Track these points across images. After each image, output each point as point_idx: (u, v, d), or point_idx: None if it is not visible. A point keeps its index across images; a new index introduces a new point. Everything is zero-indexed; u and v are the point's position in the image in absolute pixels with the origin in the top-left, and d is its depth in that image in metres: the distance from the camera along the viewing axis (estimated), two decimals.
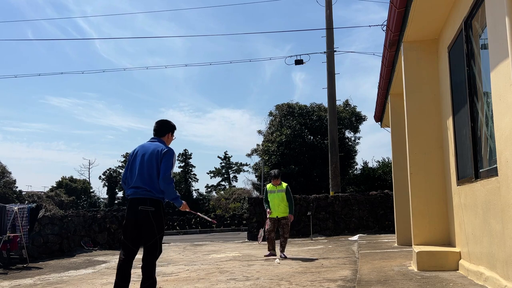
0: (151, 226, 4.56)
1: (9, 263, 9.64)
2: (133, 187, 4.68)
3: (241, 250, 11.36)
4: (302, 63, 19.64)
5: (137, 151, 4.84)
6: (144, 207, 4.56)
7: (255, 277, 6.47)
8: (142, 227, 4.59)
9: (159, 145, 4.82)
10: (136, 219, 4.59)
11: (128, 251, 4.62)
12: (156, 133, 4.99)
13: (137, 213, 4.57)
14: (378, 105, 11.99)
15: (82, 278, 7.44)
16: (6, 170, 33.33)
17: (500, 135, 3.73)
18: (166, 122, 5.06)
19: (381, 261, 7.16)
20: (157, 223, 4.59)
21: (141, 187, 4.62)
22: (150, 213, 4.55)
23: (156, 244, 4.59)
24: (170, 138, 5.04)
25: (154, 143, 4.87)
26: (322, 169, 23.96)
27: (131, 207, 4.65)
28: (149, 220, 4.55)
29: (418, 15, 5.95)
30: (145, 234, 4.58)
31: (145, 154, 4.73)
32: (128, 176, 4.81)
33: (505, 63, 3.56)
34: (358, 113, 26.63)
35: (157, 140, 4.92)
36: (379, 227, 15.57)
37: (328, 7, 19.14)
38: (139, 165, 4.71)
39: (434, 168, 6.54)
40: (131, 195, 4.68)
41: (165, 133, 4.99)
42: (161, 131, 4.98)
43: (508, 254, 3.73)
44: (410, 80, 6.75)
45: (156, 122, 5.06)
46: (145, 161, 4.69)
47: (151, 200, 4.59)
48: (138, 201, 4.60)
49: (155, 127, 5.01)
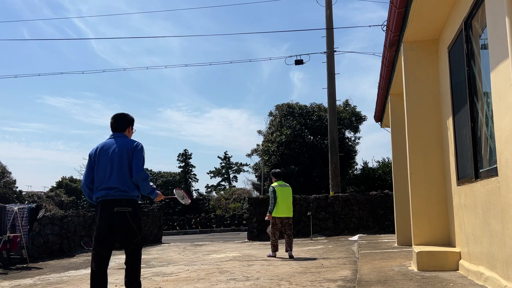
0: (131, 228, 4.31)
1: (9, 263, 9.64)
2: (104, 189, 4.34)
3: (241, 250, 11.36)
4: (302, 63, 19.65)
5: (100, 149, 4.50)
6: (120, 209, 4.26)
7: (255, 277, 6.47)
8: (120, 230, 4.32)
9: (126, 140, 4.53)
10: (112, 223, 4.29)
11: (103, 259, 4.32)
12: (115, 128, 4.66)
13: (112, 216, 4.27)
14: (378, 105, 11.99)
15: (82, 278, 7.43)
16: (6, 170, 33.34)
17: (500, 135, 3.73)
18: (124, 115, 4.75)
19: (381, 261, 7.16)
20: (136, 223, 4.35)
21: (114, 187, 4.31)
22: (127, 214, 4.28)
23: (139, 245, 4.37)
24: (131, 132, 4.77)
25: (118, 139, 4.55)
26: (322, 169, 23.96)
27: (104, 210, 4.29)
28: (128, 222, 4.29)
29: (418, 15, 5.95)
30: (126, 237, 4.33)
31: (113, 152, 4.41)
32: (95, 178, 4.44)
33: (505, 63, 3.56)
34: (358, 113, 26.63)
35: (120, 135, 4.60)
36: (379, 227, 15.57)
37: (328, 7, 19.14)
38: (107, 164, 4.38)
39: (434, 168, 6.54)
40: (102, 197, 4.33)
41: (126, 127, 4.70)
42: (121, 126, 4.67)
43: (508, 254, 3.73)
44: (410, 80, 6.75)
45: (113, 117, 4.71)
46: (115, 158, 4.37)
47: (127, 200, 4.32)
48: (112, 202, 4.29)
49: (113, 122, 4.68)
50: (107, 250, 4.34)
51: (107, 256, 4.35)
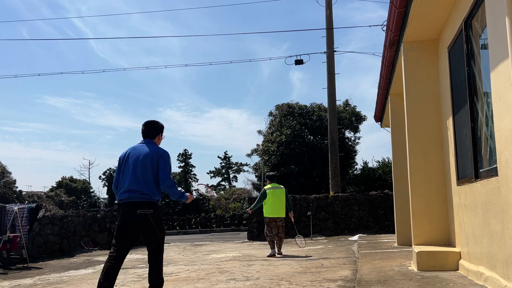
0: (153, 229, 4.53)
1: (9, 263, 9.64)
2: (127, 191, 4.57)
3: (241, 250, 11.37)
4: (302, 63, 19.65)
5: (129, 153, 4.76)
6: (143, 211, 4.49)
7: (255, 277, 6.47)
8: (143, 231, 4.55)
9: (153, 147, 4.76)
10: (134, 224, 4.52)
11: (119, 255, 4.52)
12: (146, 135, 4.92)
13: (135, 218, 4.49)
14: (378, 105, 11.99)
15: (82, 278, 7.43)
16: (6, 170, 33.34)
17: (500, 135, 3.73)
18: (155, 123, 4.98)
19: (381, 261, 7.16)
20: (158, 224, 4.56)
21: (137, 190, 4.53)
22: (149, 216, 4.51)
23: (160, 245, 4.59)
24: (160, 139, 5.00)
25: (146, 145, 4.79)
26: (322, 169, 23.96)
27: (127, 211, 4.53)
28: (150, 223, 4.51)
29: (418, 15, 5.95)
30: (149, 237, 4.54)
31: (139, 157, 4.66)
32: (121, 180, 4.70)
33: (505, 63, 3.56)
34: (358, 113, 26.64)
35: (149, 142, 4.85)
36: (379, 227, 15.57)
37: (328, 7, 19.14)
38: (132, 168, 4.62)
39: (434, 168, 6.54)
40: (125, 199, 4.57)
41: (156, 134, 4.93)
42: (151, 133, 4.92)
43: (508, 254, 3.73)
44: (410, 80, 6.75)
45: (144, 124, 4.96)
46: (139, 164, 4.62)
47: (148, 203, 4.54)
48: (135, 204, 4.52)
49: (144, 129, 4.93)
50: (125, 248, 4.55)
51: (124, 253, 4.56)
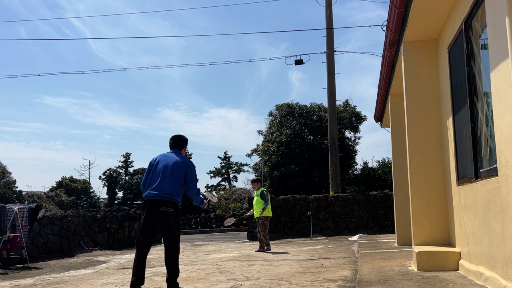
0: (171, 225, 5.25)
1: (9, 263, 9.64)
2: (154, 190, 5.30)
3: (241, 250, 11.37)
4: (302, 63, 19.65)
5: (159, 159, 5.56)
6: (166, 208, 5.23)
7: (255, 277, 6.47)
8: (162, 225, 5.26)
9: (182, 157, 5.61)
10: (156, 218, 5.24)
11: (144, 245, 5.27)
12: (174, 146, 5.78)
13: (158, 213, 5.22)
14: (378, 105, 11.99)
15: (82, 278, 7.43)
16: (6, 170, 33.32)
17: (500, 135, 3.73)
18: (182, 137, 5.88)
19: (381, 261, 7.16)
20: (176, 222, 5.30)
21: (163, 191, 5.27)
22: (170, 214, 5.25)
23: (176, 240, 5.28)
24: (186, 150, 5.89)
25: (176, 155, 5.63)
26: (322, 169, 23.96)
27: (152, 207, 5.25)
28: (169, 220, 5.24)
29: (418, 15, 5.95)
30: (167, 231, 5.26)
31: (169, 163, 5.45)
32: (150, 180, 5.46)
33: (505, 63, 3.56)
34: (358, 113, 26.61)
35: (177, 152, 5.71)
36: (379, 227, 15.57)
37: (328, 7, 19.14)
38: (162, 172, 5.39)
39: (434, 168, 6.54)
40: (152, 196, 5.29)
41: (182, 147, 5.82)
42: (179, 145, 5.79)
43: (508, 254, 3.73)
44: (410, 80, 6.75)
45: (172, 138, 5.83)
46: (168, 169, 5.39)
47: (171, 202, 5.28)
48: (160, 203, 5.24)
49: (172, 143, 5.79)
50: (148, 238, 5.30)
51: (147, 244, 5.30)
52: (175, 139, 5.82)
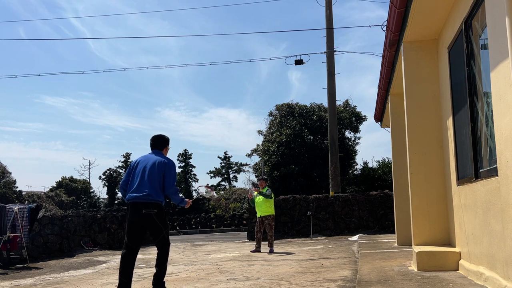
0: (157, 226, 5.18)
1: (9, 263, 9.64)
2: (134, 192, 5.21)
3: (241, 250, 11.36)
4: (302, 63, 19.63)
5: (140, 161, 5.47)
6: (148, 210, 5.12)
7: (255, 277, 6.47)
8: (148, 227, 5.20)
9: (161, 157, 5.47)
10: (140, 221, 5.16)
11: (131, 250, 5.15)
12: (154, 147, 5.64)
13: (141, 216, 5.13)
14: (378, 105, 11.99)
15: (82, 278, 7.43)
16: (6, 170, 33.32)
17: (500, 135, 3.73)
18: (162, 136, 5.73)
19: (381, 261, 7.16)
20: (161, 221, 5.21)
21: (143, 192, 5.17)
22: (153, 215, 5.15)
23: (165, 238, 5.24)
24: (167, 150, 5.75)
25: (155, 155, 5.51)
26: (322, 169, 23.95)
27: (134, 210, 5.16)
28: (154, 221, 5.16)
29: (418, 15, 5.95)
30: (154, 232, 5.19)
31: (147, 164, 5.35)
32: (130, 182, 5.36)
33: (505, 63, 3.56)
34: (358, 113, 26.61)
35: (158, 152, 5.58)
36: (379, 227, 15.57)
37: (328, 7, 19.14)
38: (140, 173, 5.29)
39: (434, 168, 6.54)
40: (132, 199, 5.20)
41: (163, 146, 5.67)
42: (159, 145, 5.65)
43: (508, 254, 3.73)
44: (410, 80, 6.75)
45: (152, 138, 5.69)
46: (147, 170, 5.29)
47: (153, 203, 5.17)
48: (140, 205, 5.14)
49: (153, 143, 5.65)
50: (135, 243, 5.19)
51: (135, 248, 5.19)
52: (155, 140, 5.68)
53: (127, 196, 5.32)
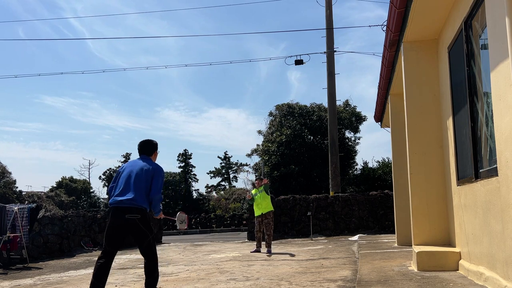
0: (142, 231, 5.06)
1: (9, 263, 9.64)
2: (118, 196, 5.11)
3: (241, 250, 11.36)
4: (302, 63, 19.63)
5: (126, 166, 5.38)
6: (131, 215, 5.01)
7: (255, 277, 6.47)
8: (132, 233, 5.07)
9: (150, 162, 5.37)
10: (123, 226, 5.04)
11: (108, 255, 5.05)
12: (142, 152, 5.52)
13: (123, 221, 5.01)
14: (378, 105, 11.99)
15: (82, 278, 7.43)
16: (6, 170, 33.31)
17: (500, 135, 3.73)
18: (150, 142, 5.61)
19: (381, 261, 7.16)
20: (146, 227, 5.08)
21: (128, 198, 5.05)
22: (137, 220, 5.03)
23: (150, 244, 5.11)
24: (156, 154, 5.65)
25: (143, 160, 5.40)
26: (322, 169, 23.96)
27: (116, 215, 5.05)
28: (138, 226, 5.04)
29: (418, 15, 5.95)
30: (138, 238, 5.07)
31: (134, 169, 5.24)
32: (116, 187, 5.25)
33: (505, 63, 3.56)
34: (358, 113, 26.61)
35: (145, 158, 5.46)
36: (379, 227, 15.57)
37: (328, 7, 19.14)
38: (126, 178, 5.19)
39: (434, 168, 6.55)
40: (115, 203, 5.09)
41: (152, 151, 5.55)
42: (147, 150, 5.52)
43: (508, 254, 3.73)
44: (410, 80, 6.75)
45: (140, 143, 5.58)
46: (133, 175, 5.18)
47: (136, 209, 5.04)
48: (124, 210, 5.03)
49: (140, 149, 5.53)
50: (114, 247, 5.07)
51: (113, 252, 5.08)
52: (142, 145, 5.56)
53: (110, 199, 5.19)
